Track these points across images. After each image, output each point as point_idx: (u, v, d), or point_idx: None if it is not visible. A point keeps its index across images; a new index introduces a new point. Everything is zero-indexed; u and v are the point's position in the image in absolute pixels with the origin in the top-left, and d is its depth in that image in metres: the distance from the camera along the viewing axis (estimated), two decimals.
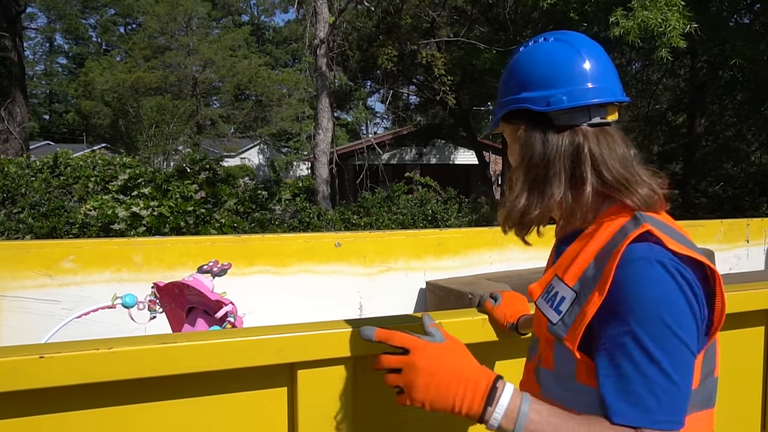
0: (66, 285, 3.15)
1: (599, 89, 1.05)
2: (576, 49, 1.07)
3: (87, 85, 27.90)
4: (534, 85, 1.07)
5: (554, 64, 1.07)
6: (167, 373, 1.28)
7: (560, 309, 1.02)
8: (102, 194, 6.63)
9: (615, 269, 0.92)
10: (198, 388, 1.35)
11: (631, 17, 6.68)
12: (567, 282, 1.02)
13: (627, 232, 0.96)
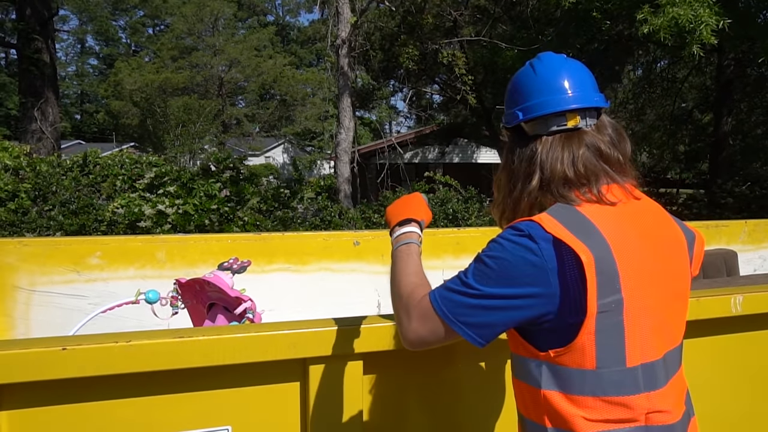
0: (93, 281, 3.24)
1: (549, 101, 1.20)
2: (534, 69, 1.25)
3: (116, 85, 28.43)
4: (507, 104, 1.29)
5: (515, 85, 1.28)
6: (183, 366, 1.33)
7: None
8: (129, 192, 6.78)
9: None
10: (212, 381, 1.40)
11: (659, 14, 6.58)
12: None
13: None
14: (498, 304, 1.08)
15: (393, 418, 1.58)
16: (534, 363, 1.13)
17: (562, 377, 1.09)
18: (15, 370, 1.22)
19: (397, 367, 1.57)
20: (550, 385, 1.11)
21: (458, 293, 1.11)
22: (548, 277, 1.06)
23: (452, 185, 8.64)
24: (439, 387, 1.62)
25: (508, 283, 1.07)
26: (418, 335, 1.14)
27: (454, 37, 11.41)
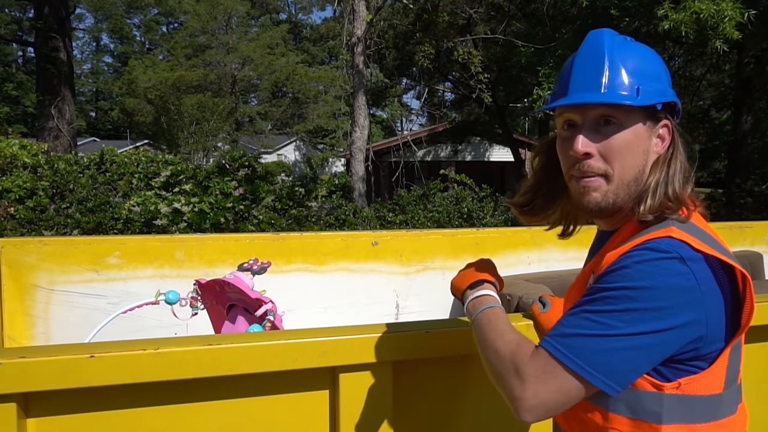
0: (111, 280, 3.24)
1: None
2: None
3: (131, 83, 28.59)
4: (653, 77, 1.10)
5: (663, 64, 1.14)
6: (211, 375, 1.30)
7: None
8: (145, 190, 6.79)
9: (627, 251, 0.98)
10: (241, 389, 1.37)
11: (681, 9, 6.48)
12: (596, 274, 1.07)
13: (653, 230, 1.01)
14: (646, 342, 0.92)
15: (424, 426, 1.55)
16: (653, 396, 0.98)
17: (688, 407, 0.98)
18: (43, 377, 1.20)
19: (427, 374, 1.53)
20: (674, 419, 0.98)
21: (592, 337, 0.92)
22: (703, 300, 0.93)
23: (467, 184, 8.58)
24: (472, 394, 1.58)
25: (659, 316, 0.91)
26: (540, 398, 0.93)
27: (468, 35, 11.34)
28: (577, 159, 1.05)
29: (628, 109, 1.03)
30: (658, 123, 1.08)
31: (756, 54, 9.90)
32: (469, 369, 1.57)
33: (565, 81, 1.08)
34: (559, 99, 1.08)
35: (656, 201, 1.02)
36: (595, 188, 1.05)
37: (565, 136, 1.09)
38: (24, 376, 1.20)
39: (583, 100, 1.03)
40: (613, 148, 1.03)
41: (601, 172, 1.05)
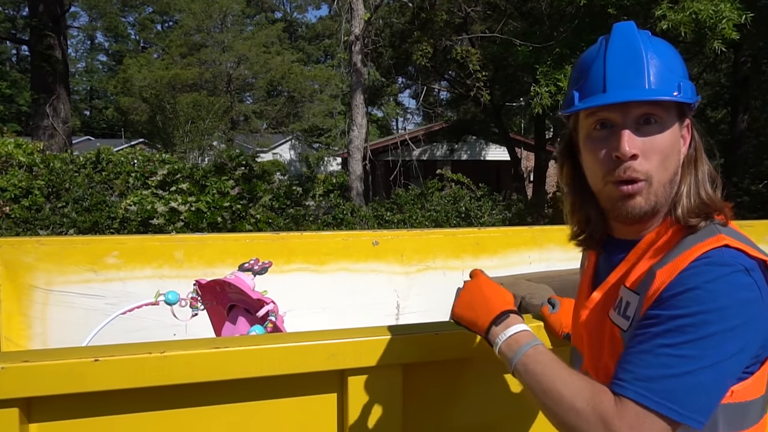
0: (110, 280, 3.20)
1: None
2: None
3: (126, 81, 28.45)
4: (679, 71, 1.04)
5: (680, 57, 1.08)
6: (219, 379, 1.27)
7: (628, 314, 0.99)
8: (142, 189, 6.75)
9: (684, 268, 0.91)
10: (248, 393, 1.35)
11: (679, 9, 6.47)
12: (630, 287, 1.00)
13: (700, 238, 0.94)
14: (731, 365, 0.87)
15: (433, 430, 1.52)
16: None
17: (741, 413, 0.95)
18: (45, 382, 1.17)
19: (437, 377, 1.51)
20: (729, 427, 0.95)
21: (681, 376, 0.84)
22: (765, 308, 0.89)
23: (465, 183, 8.57)
24: (483, 397, 1.56)
25: (737, 334, 0.86)
26: None
27: (464, 34, 11.32)
28: (619, 162, 0.97)
29: (668, 107, 0.98)
30: (684, 122, 1.02)
31: (753, 53, 9.93)
32: (479, 371, 1.55)
33: (598, 77, 0.99)
34: (594, 96, 0.99)
35: (693, 204, 0.97)
36: (639, 192, 0.98)
37: (600, 137, 1.00)
38: (26, 380, 1.17)
39: (630, 98, 0.95)
40: (656, 149, 0.97)
41: (644, 175, 0.97)
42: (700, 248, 0.92)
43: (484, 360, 1.54)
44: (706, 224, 0.96)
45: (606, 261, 1.12)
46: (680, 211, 0.98)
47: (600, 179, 1.01)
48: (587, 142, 1.03)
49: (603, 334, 1.07)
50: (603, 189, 1.02)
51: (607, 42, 1.01)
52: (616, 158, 0.97)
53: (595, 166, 1.01)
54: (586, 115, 1.02)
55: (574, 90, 1.03)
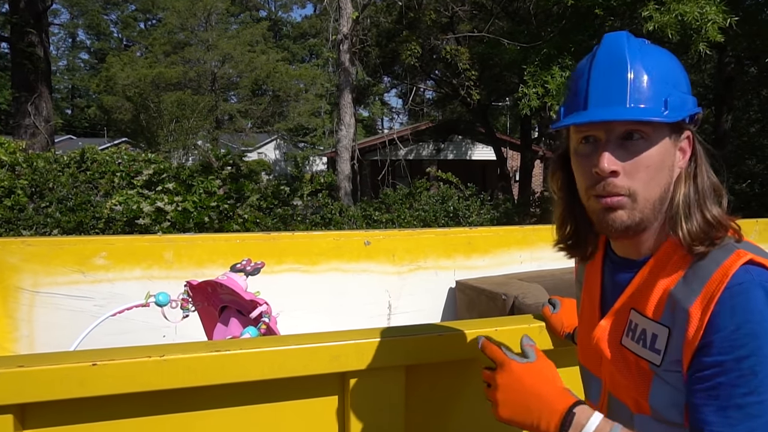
0: (98, 282, 3.15)
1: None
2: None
3: (108, 80, 28.09)
4: (678, 85, 1.02)
5: (682, 69, 1.05)
6: (219, 382, 1.25)
7: (657, 348, 0.95)
8: (127, 189, 6.66)
9: (710, 302, 0.87)
10: (249, 396, 1.32)
11: (665, 11, 6.52)
12: (651, 316, 0.96)
13: (718, 260, 0.90)
14: None
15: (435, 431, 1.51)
16: None
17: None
18: (41, 387, 1.14)
19: (440, 378, 1.49)
20: None
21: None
22: None
23: (453, 182, 8.57)
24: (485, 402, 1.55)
25: None
26: None
27: (450, 33, 11.32)
28: (600, 177, 0.95)
29: (656, 124, 0.94)
30: (682, 135, 0.99)
31: (737, 54, 10.04)
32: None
33: (582, 92, 0.97)
34: (575, 113, 0.97)
35: (696, 228, 0.94)
36: (621, 206, 0.95)
37: (584, 153, 0.98)
38: (21, 386, 1.13)
39: (607, 118, 0.93)
40: (640, 166, 0.94)
41: (626, 191, 0.94)
42: (724, 271, 0.88)
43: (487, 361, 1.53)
44: (714, 247, 0.93)
45: (611, 281, 1.10)
46: (682, 235, 0.94)
47: (584, 192, 1.01)
48: (575, 156, 1.02)
49: (626, 363, 1.02)
50: (587, 202, 1.01)
51: (595, 54, 0.99)
52: (596, 174, 0.95)
53: (581, 180, 1.01)
54: (574, 130, 1.01)
55: (562, 105, 1.03)
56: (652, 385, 0.96)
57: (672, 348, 0.92)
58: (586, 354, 1.14)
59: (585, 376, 1.16)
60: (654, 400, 0.96)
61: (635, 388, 0.99)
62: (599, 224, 0.99)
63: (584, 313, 1.17)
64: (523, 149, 15.52)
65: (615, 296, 1.06)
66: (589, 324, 1.12)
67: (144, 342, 3.06)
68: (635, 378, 0.99)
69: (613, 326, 1.05)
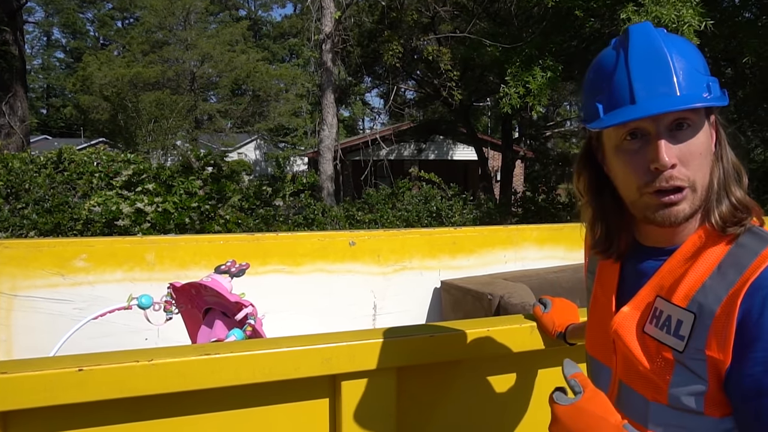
0: (78, 284, 3.09)
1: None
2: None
3: (85, 79, 27.68)
4: (705, 71, 1.00)
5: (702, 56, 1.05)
6: (209, 386, 1.22)
7: (681, 334, 0.94)
8: (106, 190, 6.55)
9: (749, 294, 0.87)
10: (239, 400, 1.30)
11: (643, 13, 6.61)
12: (678, 303, 0.95)
13: (756, 249, 0.90)
14: None
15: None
16: None
17: None
18: (26, 394, 1.10)
19: (432, 379, 1.48)
20: None
21: None
22: None
23: (436, 182, 8.59)
24: (476, 400, 1.54)
25: None
26: None
27: (432, 33, 11.34)
28: (658, 173, 0.92)
29: (699, 110, 0.93)
30: (711, 119, 0.98)
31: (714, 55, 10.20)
32: (474, 373, 1.53)
33: (623, 86, 0.94)
34: (622, 109, 0.93)
35: (725, 211, 0.94)
36: (683, 199, 0.93)
37: (632, 149, 0.95)
38: (4, 393, 1.10)
39: (664, 109, 0.89)
40: (694, 154, 0.93)
41: (687, 182, 0.93)
42: (763, 260, 0.88)
43: (478, 361, 1.53)
44: (743, 229, 0.94)
45: (634, 270, 1.07)
46: (714, 219, 0.95)
47: (635, 191, 0.96)
48: (619, 154, 0.98)
49: (647, 351, 1.01)
50: (639, 200, 0.97)
51: (626, 46, 0.95)
52: (655, 170, 0.92)
53: (629, 179, 0.97)
54: (616, 126, 0.96)
55: (596, 102, 0.98)
56: (674, 373, 0.95)
57: (697, 334, 0.91)
58: (597, 344, 1.13)
59: (594, 366, 1.15)
60: (674, 387, 0.95)
61: (656, 375, 0.98)
62: (655, 218, 0.96)
63: (597, 303, 1.15)
64: (504, 149, 15.60)
65: (638, 285, 1.04)
66: (603, 314, 1.11)
67: (126, 345, 3.01)
68: (657, 365, 0.98)
69: (636, 314, 1.03)
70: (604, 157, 1.03)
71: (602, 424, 0.91)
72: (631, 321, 1.03)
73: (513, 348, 1.49)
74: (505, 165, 15.36)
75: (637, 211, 1.00)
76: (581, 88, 1.07)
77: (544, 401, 1.13)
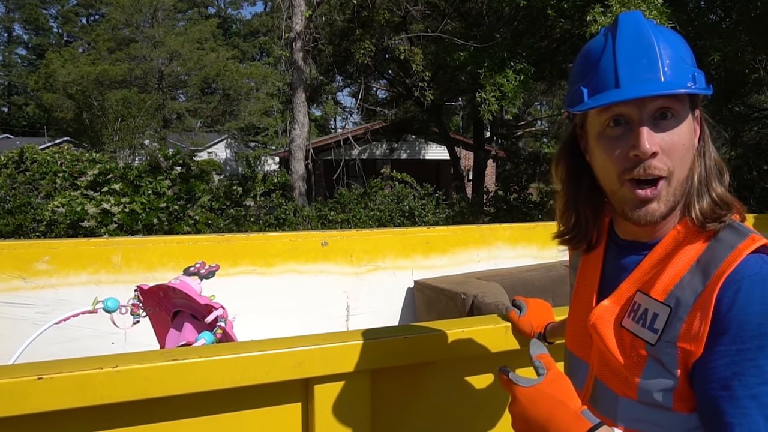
0: (41, 288, 2.99)
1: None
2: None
3: (48, 77, 27.01)
4: (690, 60, 0.99)
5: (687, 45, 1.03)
6: (177, 393, 1.18)
7: (656, 327, 0.93)
8: (70, 190, 6.38)
9: (723, 287, 0.86)
10: (209, 406, 1.26)
11: (609, 14, 6.71)
12: (656, 297, 0.95)
13: (732, 243, 0.90)
14: None
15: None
16: None
17: None
18: None
19: (407, 381, 1.46)
20: None
21: None
22: None
23: (408, 182, 8.59)
24: (452, 401, 1.53)
25: None
26: None
27: (404, 33, 11.33)
28: (638, 160, 0.91)
29: (683, 100, 0.93)
30: (695, 113, 0.98)
31: None
32: (450, 373, 1.52)
33: (609, 70, 0.93)
34: (606, 92, 0.93)
35: (706, 206, 0.94)
36: (657, 197, 0.93)
37: (615, 135, 0.94)
38: None
39: (648, 93, 0.89)
40: (676, 144, 0.92)
41: (666, 172, 0.92)
42: (738, 254, 0.88)
43: (454, 362, 1.51)
44: (723, 225, 0.93)
45: (615, 265, 1.07)
46: (695, 214, 0.94)
47: (615, 178, 0.95)
48: (600, 140, 0.97)
49: (622, 344, 1.00)
50: (619, 189, 0.96)
51: (615, 33, 0.95)
52: (634, 156, 0.91)
53: (610, 165, 0.95)
54: (598, 111, 0.96)
55: (581, 86, 0.97)
56: (645, 367, 0.95)
57: (670, 328, 0.91)
58: (576, 339, 1.12)
59: (573, 362, 1.14)
60: (644, 382, 0.95)
61: (628, 370, 0.97)
62: (632, 216, 0.96)
63: (579, 298, 1.15)
64: (477, 149, 15.69)
65: (618, 279, 1.03)
66: (584, 309, 1.10)
67: (91, 350, 2.92)
68: (630, 360, 0.98)
69: (616, 308, 1.02)
70: (587, 145, 1.02)
71: (561, 408, 0.90)
72: (610, 315, 1.03)
73: (489, 348, 1.48)
74: (477, 164, 15.45)
75: (616, 203, 0.99)
76: (569, 77, 1.06)
77: None
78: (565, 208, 1.10)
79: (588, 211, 1.06)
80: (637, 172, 0.92)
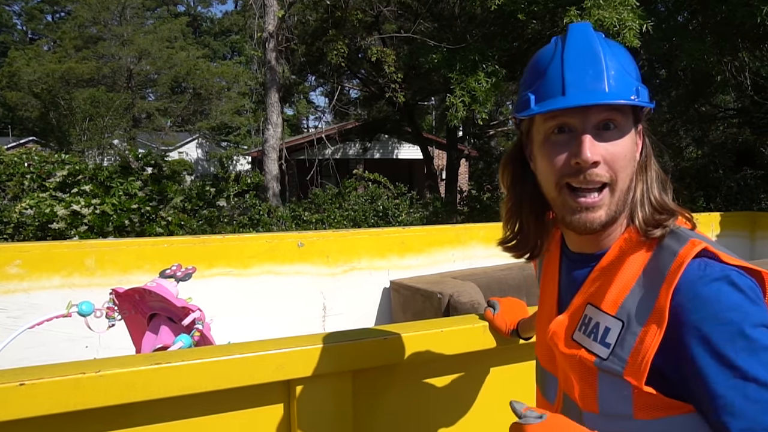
0: (12, 292, 2.94)
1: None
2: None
3: (12, 75, 26.29)
4: (634, 74, 1.01)
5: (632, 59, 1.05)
6: (160, 396, 1.19)
7: (608, 341, 0.94)
8: (38, 192, 6.25)
9: (674, 298, 0.87)
10: (192, 409, 1.27)
11: (585, 16, 6.82)
12: (607, 311, 0.96)
13: (675, 250, 0.91)
14: None
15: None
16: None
17: None
18: None
19: (388, 381, 1.49)
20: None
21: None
22: None
23: (381, 182, 8.61)
24: (434, 400, 1.56)
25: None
26: None
27: (376, 33, 11.35)
28: (579, 168, 0.92)
29: (626, 113, 0.94)
30: (638, 127, 0.99)
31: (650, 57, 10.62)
32: (431, 373, 1.55)
33: (556, 78, 0.94)
34: (552, 99, 0.94)
35: (648, 214, 0.95)
36: (600, 205, 0.93)
37: (558, 141, 0.95)
38: None
39: (591, 101, 0.90)
40: (617, 155, 0.92)
41: (606, 180, 0.92)
42: (681, 261, 0.89)
43: (434, 361, 1.55)
44: (666, 231, 0.94)
45: (567, 277, 1.08)
46: (638, 222, 0.95)
47: (554, 185, 0.96)
48: (544, 146, 0.97)
49: (574, 358, 1.01)
50: (558, 196, 0.97)
51: (564, 42, 0.96)
52: (576, 164, 0.92)
53: (550, 172, 0.96)
54: (544, 119, 0.96)
55: (529, 92, 0.98)
56: (599, 381, 0.96)
57: (623, 342, 0.92)
58: (543, 353, 1.14)
59: (543, 376, 1.15)
60: (602, 395, 0.96)
61: (582, 383, 0.99)
62: (571, 223, 0.96)
63: (542, 312, 1.16)
64: (450, 148, 15.79)
65: (572, 293, 1.04)
66: (547, 321, 1.11)
67: (65, 354, 2.88)
68: (582, 373, 0.99)
69: (569, 322, 1.03)
70: (531, 152, 1.03)
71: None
72: (563, 329, 1.03)
73: (467, 347, 1.51)
74: (450, 164, 15.56)
75: (557, 210, 1.00)
76: (519, 84, 1.07)
77: (499, 398, 1.15)
78: (509, 215, 1.11)
79: (531, 218, 1.07)
80: (577, 180, 0.93)
